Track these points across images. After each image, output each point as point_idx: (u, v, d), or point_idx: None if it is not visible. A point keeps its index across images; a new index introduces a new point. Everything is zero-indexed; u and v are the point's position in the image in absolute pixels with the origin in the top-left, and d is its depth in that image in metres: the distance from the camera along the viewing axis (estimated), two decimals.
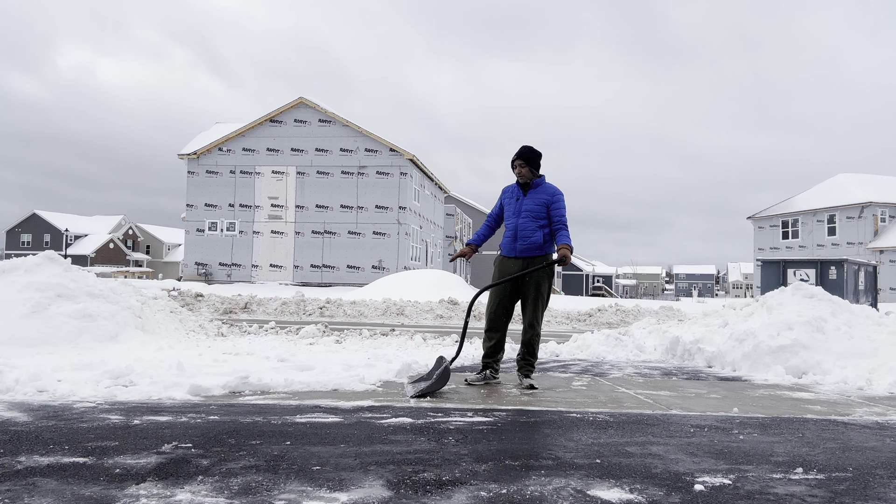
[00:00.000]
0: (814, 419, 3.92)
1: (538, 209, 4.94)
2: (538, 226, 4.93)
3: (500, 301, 4.99)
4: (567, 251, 4.81)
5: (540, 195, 4.97)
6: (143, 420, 3.36)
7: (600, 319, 14.38)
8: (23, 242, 77.29)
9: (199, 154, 32.38)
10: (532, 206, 4.95)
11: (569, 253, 4.81)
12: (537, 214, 4.94)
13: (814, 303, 6.66)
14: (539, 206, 4.94)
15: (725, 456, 2.93)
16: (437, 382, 4.42)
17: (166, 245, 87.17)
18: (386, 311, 13.72)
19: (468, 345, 7.87)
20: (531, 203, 4.96)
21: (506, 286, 4.97)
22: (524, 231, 4.94)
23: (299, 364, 5.33)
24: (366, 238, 31.25)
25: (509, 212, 5.10)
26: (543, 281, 4.94)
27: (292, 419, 3.48)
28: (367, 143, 31.52)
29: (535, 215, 4.93)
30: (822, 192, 41.34)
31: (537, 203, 4.94)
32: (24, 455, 2.66)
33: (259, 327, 8.93)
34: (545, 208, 4.94)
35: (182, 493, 2.23)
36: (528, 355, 4.97)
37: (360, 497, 2.23)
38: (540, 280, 4.92)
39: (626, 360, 6.95)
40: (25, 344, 5.69)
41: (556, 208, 4.95)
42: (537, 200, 4.95)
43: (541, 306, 4.96)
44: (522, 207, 4.98)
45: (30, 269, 6.79)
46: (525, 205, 4.98)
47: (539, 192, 4.99)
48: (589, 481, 2.48)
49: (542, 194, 4.97)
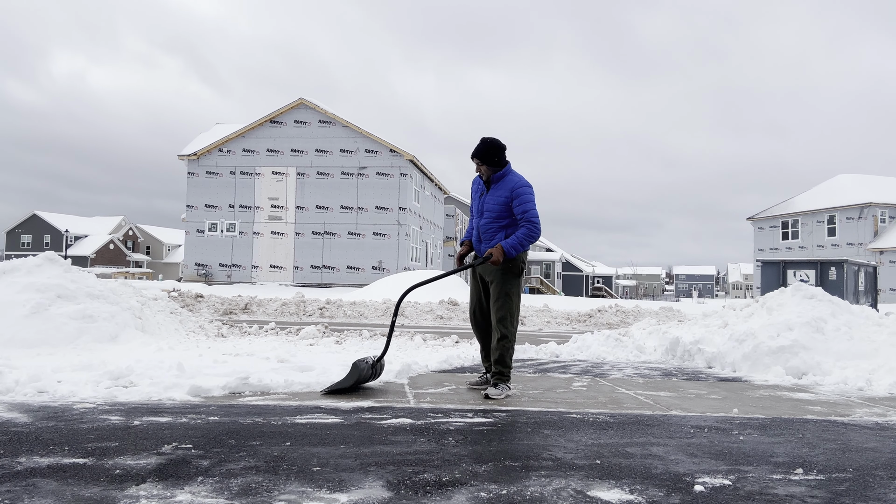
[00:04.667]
0: (814, 420, 3.92)
1: (499, 208, 4.51)
2: (500, 226, 4.53)
3: (475, 302, 4.76)
4: (497, 252, 4.36)
5: (501, 191, 4.51)
6: (144, 421, 3.36)
7: (600, 320, 14.38)
8: (23, 243, 77.29)
9: (199, 155, 32.39)
10: (492, 204, 4.53)
11: (497, 255, 4.35)
12: (499, 214, 4.52)
13: (814, 303, 6.66)
14: (500, 205, 4.50)
15: (725, 457, 2.93)
16: (346, 380, 4.40)
17: (166, 246, 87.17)
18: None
19: (468, 345, 7.86)
20: (492, 201, 4.54)
21: (478, 288, 4.69)
22: (486, 234, 4.58)
23: (299, 365, 5.33)
24: (366, 239, 31.25)
25: (474, 208, 4.74)
26: (505, 280, 4.49)
27: (292, 420, 3.48)
28: (367, 144, 31.52)
29: (496, 215, 4.52)
30: (822, 192, 41.35)
31: (498, 202, 4.51)
32: (25, 456, 2.66)
33: (259, 328, 8.93)
34: (507, 206, 4.49)
35: (182, 493, 2.23)
36: (497, 362, 4.49)
37: (360, 498, 2.23)
38: (500, 279, 4.49)
39: (626, 361, 6.95)
40: (25, 345, 5.69)
41: (519, 203, 4.46)
42: (498, 198, 4.51)
43: (506, 307, 4.49)
44: (484, 207, 4.59)
45: (30, 269, 6.78)
46: (486, 203, 4.58)
47: (500, 187, 4.53)
48: (589, 482, 2.48)
49: (503, 190, 4.50)
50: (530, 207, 4.46)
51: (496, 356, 4.50)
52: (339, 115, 31.75)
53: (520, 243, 4.41)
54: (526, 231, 4.43)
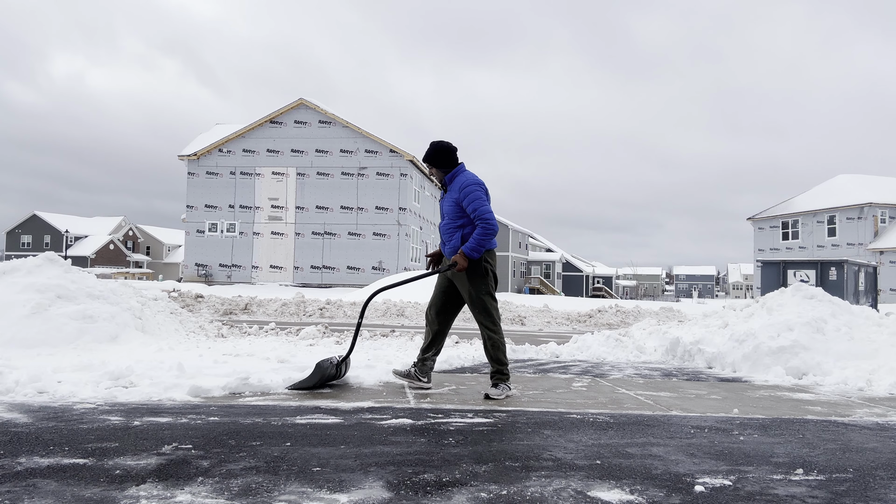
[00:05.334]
0: (814, 420, 3.92)
1: (454, 209, 4.56)
2: (457, 226, 4.57)
3: (434, 295, 4.77)
4: (459, 259, 4.39)
5: (453, 192, 4.58)
6: (144, 421, 3.36)
7: (600, 320, 14.38)
8: (23, 244, 77.30)
9: (199, 155, 32.39)
10: (447, 206, 4.61)
11: (460, 261, 4.39)
12: (454, 214, 4.57)
13: (814, 304, 6.66)
14: (453, 206, 4.56)
15: (726, 457, 2.93)
16: (309, 379, 4.47)
17: (166, 246, 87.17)
18: (386, 313, 13.72)
19: (468, 345, 7.86)
20: (447, 203, 4.62)
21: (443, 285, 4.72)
22: (445, 235, 4.65)
23: (299, 365, 5.33)
24: (366, 239, 31.26)
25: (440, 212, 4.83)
26: (472, 283, 4.50)
27: (292, 420, 3.48)
28: (367, 145, 31.52)
29: (452, 216, 4.58)
30: (822, 192, 41.35)
31: (451, 203, 4.57)
32: (25, 456, 2.66)
33: (259, 328, 8.93)
34: (460, 206, 4.53)
35: (182, 494, 2.23)
36: (493, 361, 4.51)
37: (360, 498, 2.23)
38: (467, 284, 4.50)
39: (626, 362, 6.95)
40: (26, 345, 5.69)
41: (469, 202, 4.47)
42: (451, 199, 4.58)
43: (481, 308, 4.50)
44: (443, 209, 4.69)
45: (30, 270, 6.78)
46: (443, 206, 4.68)
47: (452, 188, 4.60)
48: (589, 482, 2.48)
49: (454, 191, 4.57)
50: (479, 205, 4.47)
51: (490, 356, 4.52)
52: (339, 116, 31.76)
53: (478, 244, 4.43)
54: (481, 230, 4.44)
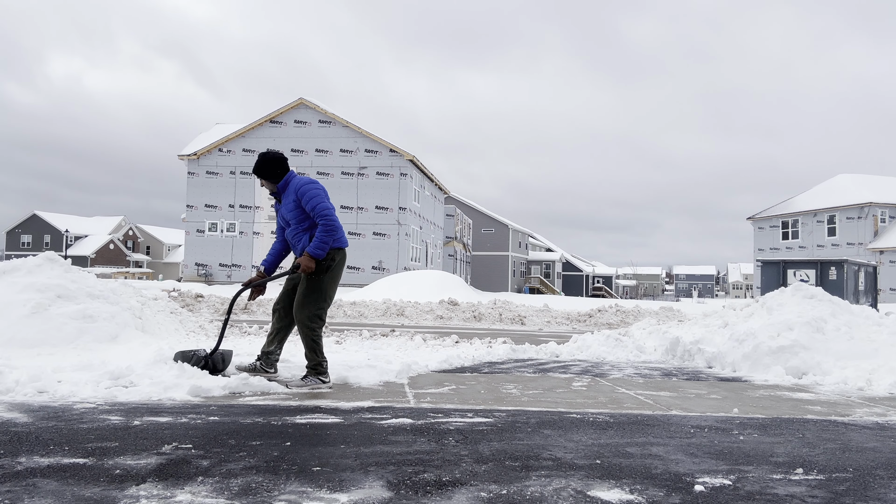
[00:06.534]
0: (814, 420, 3.92)
1: (295, 213, 4.66)
2: (303, 229, 4.68)
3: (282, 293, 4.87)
4: (304, 261, 4.50)
5: (289, 197, 4.68)
6: (144, 421, 3.36)
7: (600, 320, 14.38)
8: (23, 243, 77.31)
9: (199, 155, 32.40)
10: (288, 211, 4.70)
11: (305, 263, 4.50)
12: (299, 218, 4.66)
13: (814, 303, 6.66)
14: (294, 210, 4.66)
15: (725, 456, 2.93)
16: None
17: (166, 246, 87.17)
18: (386, 312, 13.72)
19: (468, 345, 7.86)
20: (286, 209, 4.71)
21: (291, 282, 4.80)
22: (293, 240, 4.75)
23: (300, 365, 5.32)
24: (366, 239, 31.26)
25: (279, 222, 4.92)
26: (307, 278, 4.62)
27: (292, 420, 3.48)
28: (367, 144, 31.52)
29: (297, 220, 4.67)
30: (822, 192, 41.34)
31: (290, 208, 4.68)
32: (25, 456, 2.66)
33: (259, 328, 8.93)
34: (300, 208, 4.64)
35: (182, 493, 2.23)
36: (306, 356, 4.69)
37: (360, 498, 2.23)
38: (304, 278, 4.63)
39: (626, 361, 6.95)
40: (26, 345, 5.69)
41: (307, 201, 4.59)
42: (289, 204, 4.68)
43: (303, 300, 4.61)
44: (284, 217, 4.77)
45: (30, 269, 6.78)
46: (283, 213, 4.76)
47: (287, 194, 4.70)
48: (589, 482, 2.48)
49: (290, 195, 4.67)
50: (318, 202, 4.57)
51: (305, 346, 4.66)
52: (339, 115, 31.76)
53: (322, 242, 4.53)
54: (322, 227, 4.54)
